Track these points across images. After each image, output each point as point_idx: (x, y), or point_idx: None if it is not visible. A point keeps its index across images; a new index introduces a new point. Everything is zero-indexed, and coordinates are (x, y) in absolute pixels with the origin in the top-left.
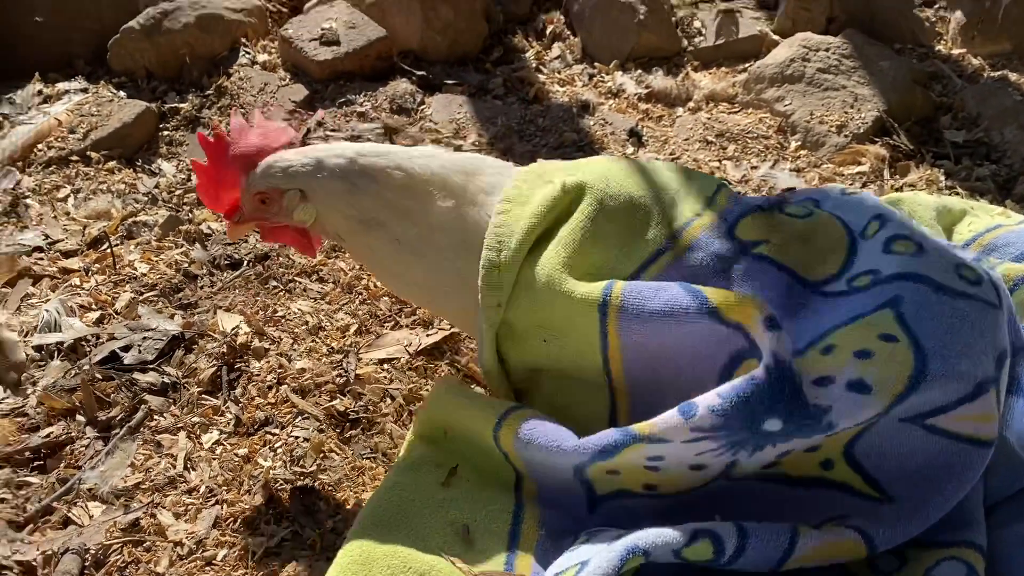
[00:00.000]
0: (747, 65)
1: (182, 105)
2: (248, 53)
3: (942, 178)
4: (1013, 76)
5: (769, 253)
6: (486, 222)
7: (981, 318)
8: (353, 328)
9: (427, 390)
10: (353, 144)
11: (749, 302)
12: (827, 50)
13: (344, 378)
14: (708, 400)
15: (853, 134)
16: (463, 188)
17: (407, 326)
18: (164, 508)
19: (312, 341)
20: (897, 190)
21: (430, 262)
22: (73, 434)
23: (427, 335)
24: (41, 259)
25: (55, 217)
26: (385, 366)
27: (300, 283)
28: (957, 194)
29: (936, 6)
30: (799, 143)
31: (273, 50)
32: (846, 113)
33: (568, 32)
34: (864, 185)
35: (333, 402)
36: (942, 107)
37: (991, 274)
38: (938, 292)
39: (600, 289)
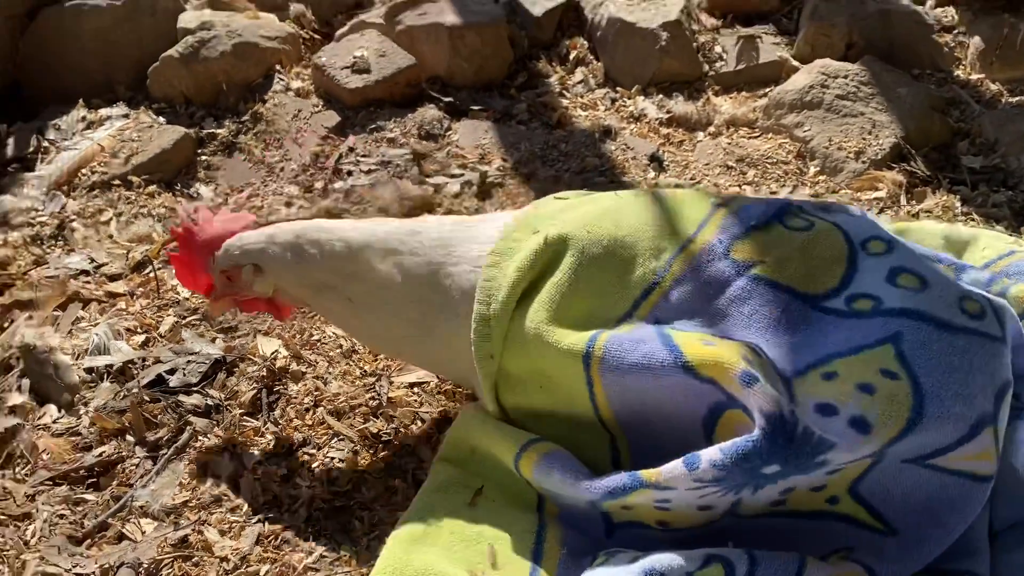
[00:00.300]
0: (767, 90)
1: (219, 131)
2: (282, 80)
3: (958, 204)
4: None
5: (765, 273)
6: (429, 272)
7: (981, 354)
8: None
9: (456, 413)
10: (302, 222)
11: (723, 357)
12: (845, 77)
13: (376, 401)
14: (711, 455)
15: (871, 160)
16: (404, 245)
17: None
18: (210, 525)
19: (346, 364)
20: (913, 216)
21: (383, 315)
22: (124, 453)
23: None
24: (88, 283)
25: (99, 240)
26: (415, 390)
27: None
28: (972, 220)
29: (955, 31)
30: (818, 169)
31: (306, 77)
32: (864, 139)
33: (591, 57)
34: (881, 211)
35: (367, 424)
36: (960, 133)
37: (994, 303)
38: (940, 330)
39: (584, 341)
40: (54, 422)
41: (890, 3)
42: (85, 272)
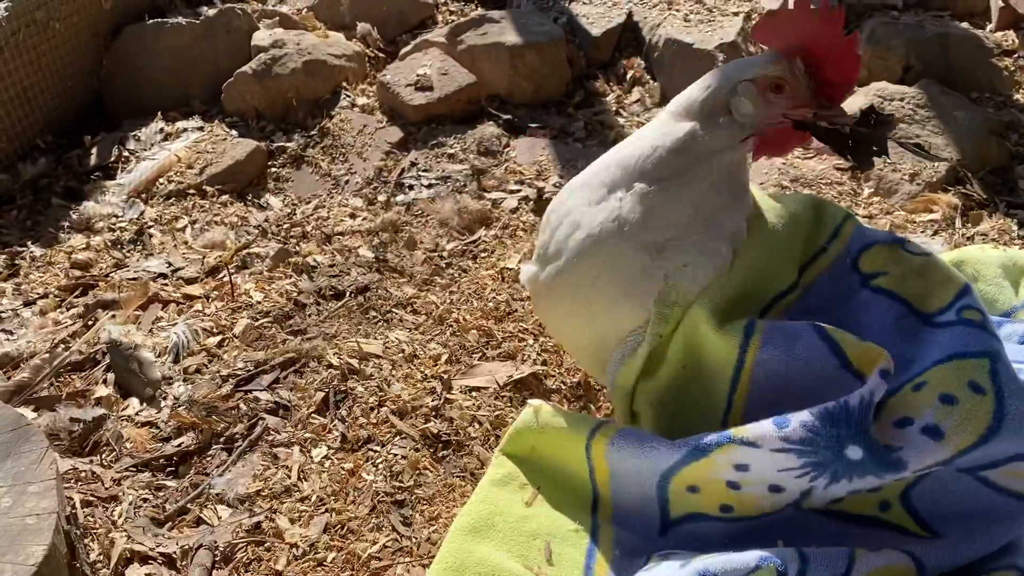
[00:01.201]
0: None
1: (288, 144)
2: (348, 96)
3: (1015, 227)
4: None
5: (886, 285)
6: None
7: None
8: (444, 357)
9: (513, 417)
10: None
11: (876, 352)
12: (902, 99)
13: (437, 403)
14: (801, 415)
15: (926, 182)
16: None
17: (494, 358)
18: (281, 514)
19: (408, 368)
20: (968, 239)
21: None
22: (200, 445)
23: (515, 368)
24: (166, 285)
25: (175, 246)
26: (474, 394)
27: (396, 314)
28: None
29: (1016, 55)
30: (872, 190)
31: (371, 94)
32: (919, 161)
33: (648, 77)
34: (935, 233)
35: (427, 424)
36: (1018, 156)
37: None
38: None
39: (743, 326)
40: (137, 414)
41: (949, 27)
42: (163, 275)
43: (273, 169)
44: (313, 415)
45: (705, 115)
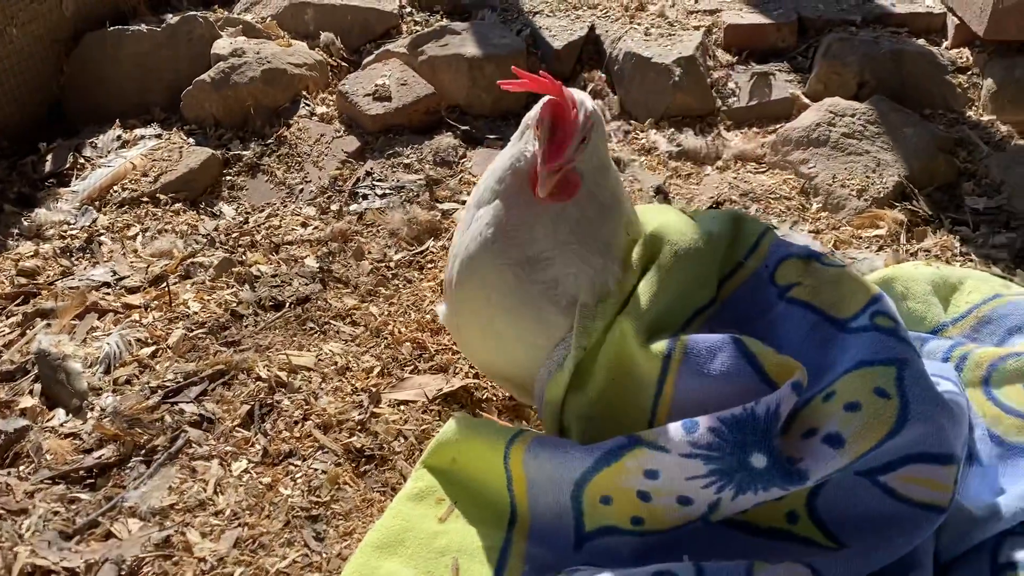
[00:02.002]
0: (778, 126)
1: (244, 152)
2: (308, 105)
3: (957, 245)
4: None
5: (801, 296)
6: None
7: (960, 414)
8: (376, 370)
9: (439, 431)
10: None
11: (792, 365)
12: (853, 115)
13: (363, 417)
14: (708, 420)
15: (873, 198)
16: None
17: (426, 371)
18: (193, 528)
19: (339, 381)
20: (912, 255)
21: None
22: (121, 457)
23: (446, 382)
24: (107, 294)
25: (124, 255)
26: (402, 408)
27: (334, 326)
28: (971, 261)
29: (969, 73)
30: (820, 205)
31: (331, 103)
32: (867, 177)
33: (608, 90)
34: (880, 248)
35: (351, 439)
36: (966, 173)
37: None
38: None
39: (666, 341)
40: (61, 425)
41: (904, 43)
42: (107, 284)
43: (228, 177)
44: (237, 428)
45: (520, 135)
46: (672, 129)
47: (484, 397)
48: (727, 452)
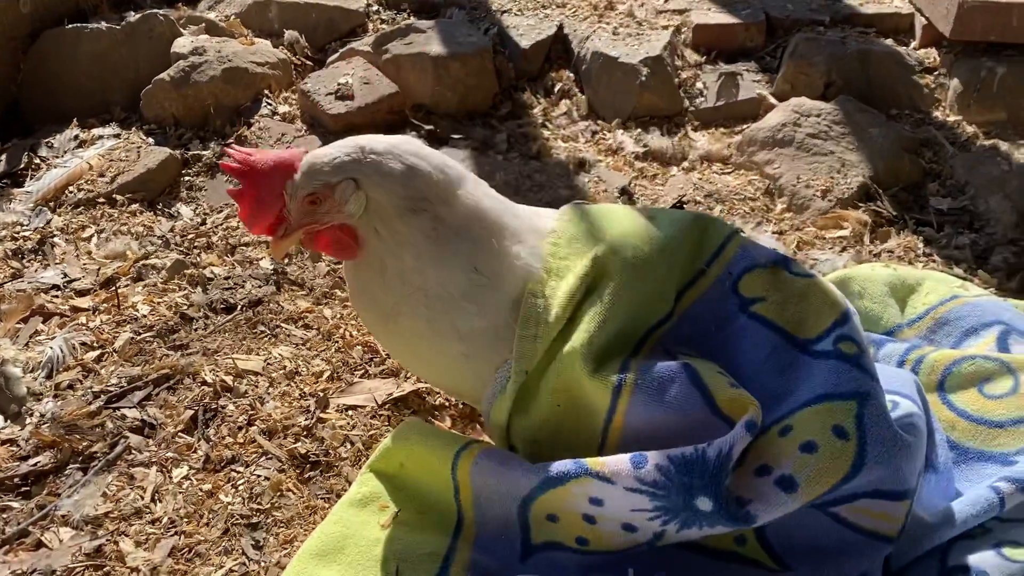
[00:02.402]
0: (744, 127)
1: (204, 152)
2: (270, 104)
3: (920, 245)
4: (1004, 146)
5: (764, 313)
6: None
7: (921, 437)
8: (326, 375)
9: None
10: (386, 137)
11: (746, 401)
12: (818, 116)
13: (309, 422)
14: (658, 457)
15: (838, 199)
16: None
17: (376, 375)
18: (127, 536)
19: (287, 386)
20: (876, 255)
21: (453, 259)
22: (58, 464)
23: (396, 386)
24: (56, 297)
25: (77, 256)
26: (350, 413)
27: (285, 329)
28: (933, 262)
29: (936, 73)
30: (784, 206)
31: (293, 102)
32: (832, 178)
33: (576, 90)
34: (844, 249)
35: (296, 444)
36: (931, 174)
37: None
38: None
39: (616, 370)
40: None
41: (871, 43)
42: (56, 287)
43: (187, 178)
44: (180, 434)
45: None
46: (639, 129)
47: (436, 403)
48: (673, 492)
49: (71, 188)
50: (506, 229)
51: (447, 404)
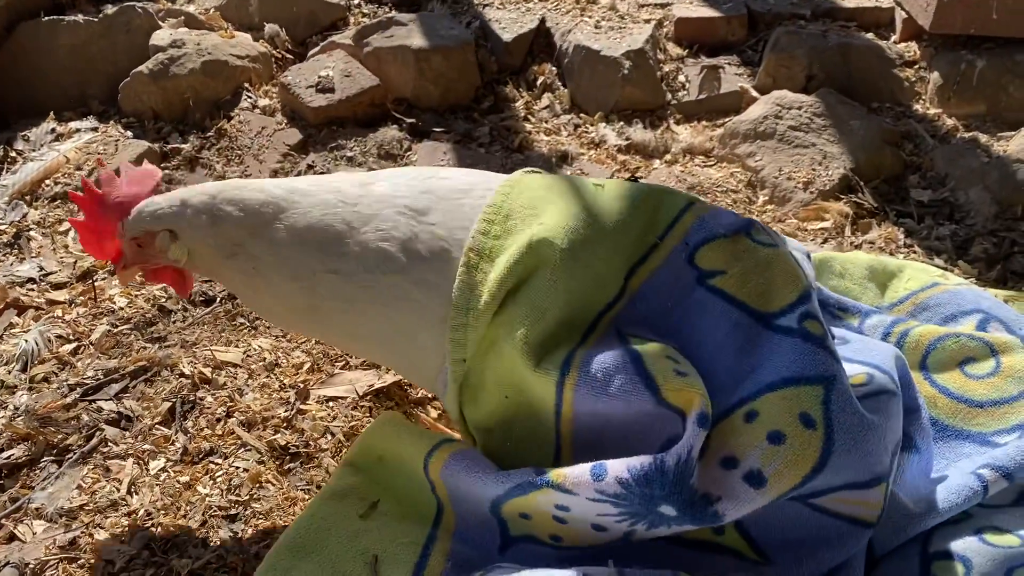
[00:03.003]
0: (726, 120)
1: (183, 146)
2: (250, 97)
3: (901, 236)
4: (983, 138)
5: (724, 287)
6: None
7: (891, 415)
8: (306, 366)
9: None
10: (218, 183)
11: (693, 392)
12: (800, 108)
13: (289, 414)
14: (617, 470)
15: (819, 191)
16: (343, 196)
17: (357, 367)
18: (103, 529)
19: (266, 377)
20: (857, 247)
21: (276, 283)
22: (32, 457)
23: (378, 378)
24: (32, 290)
25: (54, 250)
26: (331, 404)
27: (265, 321)
28: (914, 253)
29: (916, 66)
30: (766, 198)
31: (274, 95)
32: (814, 170)
33: (559, 83)
34: (825, 241)
35: (276, 436)
36: (912, 166)
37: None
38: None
39: (558, 365)
40: None
41: (852, 37)
42: (32, 280)
43: (166, 171)
44: (157, 426)
45: None
46: (622, 123)
47: (419, 396)
48: (635, 503)
49: (48, 182)
50: (356, 229)
51: (427, 397)
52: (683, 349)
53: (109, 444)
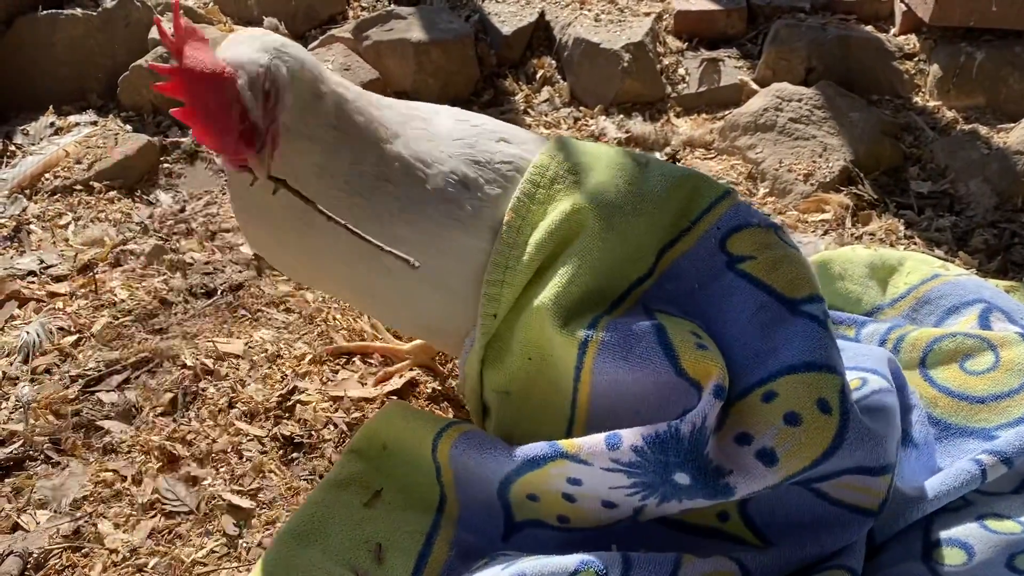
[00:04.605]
0: (726, 112)
1: (183, 139)
2: None
3: (902, 228)
4: (983, 130)
5: (752, 271)
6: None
7: (891, 418)
8: (308, 358)
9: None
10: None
11: (711, 364)
12: (799, 101)
13: (292, 404)
14: (632, 437)
15: (819, 183)
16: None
17: (360, 358)
18: (106, 518)
19: (268, 368)
20: (857, 238)
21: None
22: (35, 447)
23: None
24: (32, 283)
25: (54, 243)
26: (332, 395)
27: (267, 312)
28: (915, 244)
29: (916, 59)
30: (767, 190)
31: None
32: (814, 162)
33: (558, 76)
34: (826, 233)
35: (278, 426)
36: (911, 158)
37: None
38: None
39: (584, 325)
40: None
41: (851, 30)
42: (32, 273)
43: (166, 165)
44: (159, 416)
45: None
46: (621, 116)
47: (429, 389)
48: (649, 470)
49: (47, 175)
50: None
51: (428, 390)
52: (707, 329)
53: (111, 435)
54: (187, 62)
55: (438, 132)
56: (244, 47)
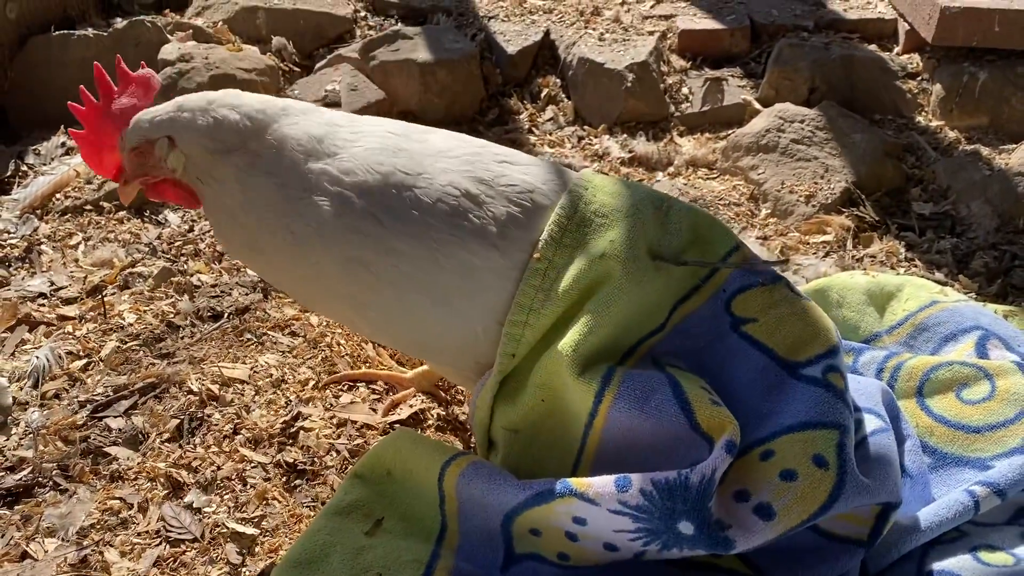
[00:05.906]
0: (729, 132)
1: None
2: None
3: (903, 250)
4: (985, 150)
5: (756, 334)
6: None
7: (892, 452)
8: (312, 383)
9: (372, 444)
10: (215, 92)
11: (725, 420)
12: (802, 121)
13: (295, 430)
14: (642, 481)
15: (821, 204)
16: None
17: (364, 384)
18: (113, 547)
19: (273, 393)
20: (858, 260)
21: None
22: (44, 474)
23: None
24: (43, 306)
25: (64, 264)
26: (335, 421)
27: (272, 336)
28: (915, 267)
29: (919, 78)
30: (769, 211)
31: None
32: (816, 183)
33: (563, 95)
34: (827, 254)
35: (282, 453)
36: (914, 179)
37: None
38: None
39: (601, 375)
40: None
41: (854, 49)
42: (43, 295)
43: None
44: (164, 443)
45: None
46: (625, 135)
47: (434, 415)
48: (656, 516)
49: (58, 195)
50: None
51: (430, 416)
52: (714, 383)
53: (118, 461)
54: (99, 105)
55: (428, 150)
56: (163, 108)
